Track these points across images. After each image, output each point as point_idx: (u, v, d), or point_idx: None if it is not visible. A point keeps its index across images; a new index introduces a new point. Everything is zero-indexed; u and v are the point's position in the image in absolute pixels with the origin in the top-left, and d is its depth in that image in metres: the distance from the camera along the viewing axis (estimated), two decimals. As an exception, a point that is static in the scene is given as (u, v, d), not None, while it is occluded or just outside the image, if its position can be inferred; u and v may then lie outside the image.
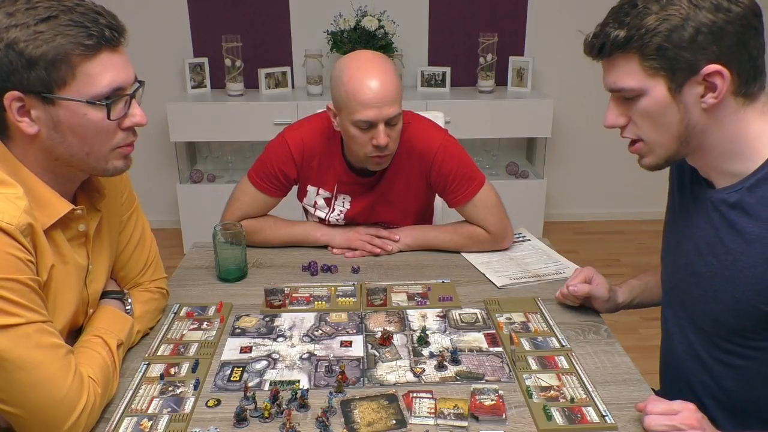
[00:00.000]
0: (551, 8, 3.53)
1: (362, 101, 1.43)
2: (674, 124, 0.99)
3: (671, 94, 0.97)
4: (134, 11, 3.43)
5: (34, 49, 0.91)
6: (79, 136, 0.98)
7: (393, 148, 1.53)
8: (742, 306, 1.02)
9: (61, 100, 0.95)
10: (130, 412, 1.04)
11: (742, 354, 1.06)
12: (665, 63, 0.95)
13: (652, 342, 1.27)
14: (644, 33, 0.94)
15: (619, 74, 1.00)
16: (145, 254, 1.30)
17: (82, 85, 0.95)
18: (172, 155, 3.45)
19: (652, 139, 1.02)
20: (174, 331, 1.28)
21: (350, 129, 1.48)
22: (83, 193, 1.11)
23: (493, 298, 1.42)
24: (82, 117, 0.97)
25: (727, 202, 1.03)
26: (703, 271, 1.08)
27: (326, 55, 3.42)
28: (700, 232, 1.09)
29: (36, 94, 0.94)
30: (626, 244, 3.63)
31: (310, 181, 1.67)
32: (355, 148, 1.52)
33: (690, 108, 0.97)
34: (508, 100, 3.40)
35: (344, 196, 1.67)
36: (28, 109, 0.95)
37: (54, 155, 1.00)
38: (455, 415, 1.02)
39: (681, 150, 1.02)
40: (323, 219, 1.71)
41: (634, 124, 1.03)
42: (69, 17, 0.93)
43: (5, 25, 0.91)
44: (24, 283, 0.90)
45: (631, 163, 1.12)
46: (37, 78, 0.92)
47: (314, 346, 1.24)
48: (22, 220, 0.90)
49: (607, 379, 1.13)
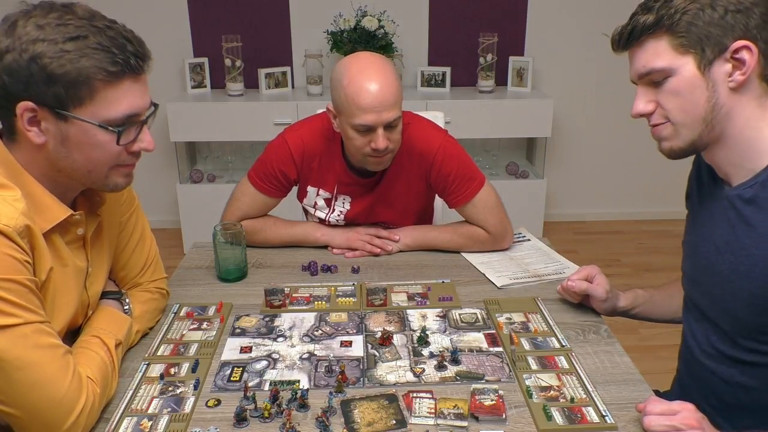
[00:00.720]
0: (551, 8, 3.53)
1: (361, 106, 1.42)
2: (702, 104, 1.01)
3: (701, 71, 0.99)
4: (134, 11, 3.43)
5: (57, 67, 0.91)
6: (85, 154, 0.99)
7: (393, 149, 1.53)
8: (759, 301, 1.02)
9: (74, 119, 0.95)
10: (130, 412, 1.04)
11: (763, 351, 1.06)
12: (695, 40, 0.98)
13: (652, 342, 1.27)
14: (674, 12, 0.98)
15: (649, 56, 1.02)
16: (144, 254, 1.30)
17: (98, 108, 0.96)
18: (172, 155, 3.45)
19: (678, 120, 1.04)
20: (174, 331, 1.28)
21: (349, 131, 1.48)
22: (83, 197, 1.11)
23: (493, 298, 1.42)
24: (91, 137, 0.98)
25: (743, 198, 1.04)
26: (722, 270, 1.09)
27: (326, 55, 3.42)
28: (718, 231, 1.10)
29: (50, 108, 0.94)
30: (626, 244, 3.63)
31: (310, 182, 1.67)
32: (354, 150, 1.52)
33: (718, 86, 0.99)
34: (508, 100, 3.40)
35: (344, 196, 1.67)
36: (39, 120, 0.95)
37: (57, 167, 1.00)
38: (455, 415, 1.02)
39: (705, 135, 1.03)
40: (323, 219, 1.71)
41: (661, 107, 1.05)
42: (98, 40, 0.93)
43: (33, 37, 0.91)
44: (22, 283, 0.90)
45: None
46: (55, 94, 0.93)
47: (314, 346, 1.24)
48: (20, 222, 0.90)
49: (607, 379, 1.13)
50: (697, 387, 1.20)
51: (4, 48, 0.91)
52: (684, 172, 1.30)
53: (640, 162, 3.76)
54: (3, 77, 0.92)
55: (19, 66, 0.91)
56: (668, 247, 3.48)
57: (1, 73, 0.92)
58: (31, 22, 0.92)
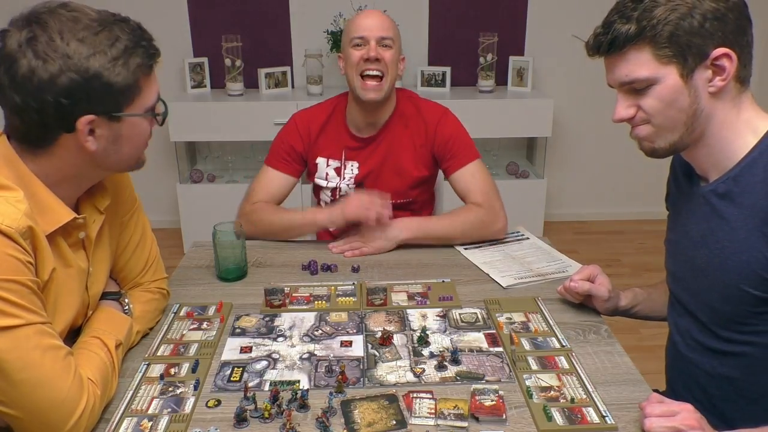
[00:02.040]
0: (551, 8, 3.53)
1: (358, 23, 1.68)
2: (684, 110, 1.03)
3: (683, 80, 1.02)
4: (134, 11, 3.39)
5: (115, 77, 0.95)
6: (134, 144, 1.05)
7: (385, 73, 1.66)
8: (732, 291, 1.06)
9: (127, 117, 1.00)
10: (130, 413, 1.04)
11: (741, 341, 1.09)
12: (677, 50, 1.00)
13: (653, 342, 1.27)
14: (656, 23, 0.99)
15: (631, 66, 1.03)
16: (145, 255, 1.30)
17: (142, 100, 1.02)
18: (172, 155, 3.45)
19: (661, 125, 1.06)
20: (174, 331, 1.28)
21: (349, 51, 1.68)
22: (86, 196, 1.11)
23: (494, 297, 1.41)
24: (138, 127, 1.04)
25: (717, 193, 1.08)
26: (699, 264, 1.13)
27: (326, 55, 3.42)
28: (694, 227, 1.14)
29: (106, 114, 0.97)
30: (626, 244, 3.63)
31: (320, 153, 1.79)
32: (351, 70, 1.68)
33: (699, 92, 1.03)
34: (508, 100, 3.40)
35: (352, 162, 1.78)
36: (94, 129, 0.98)
37: (98, 163, 1.03)
38: (455, 415, 1.02)
39: (686, 137, 1.06)
40: (335, 189, 1.80)
41: (643, 112, 1.06)
42: (127, 37, 0.97)
43: (84, 54, 0.93)
44: (23, 284, 0.90)
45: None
46: (113, 101, 0.97)
47: (314, 346, 1.23)
48: (22, 223, 0.90)
49: (608, 379, 1.13)
50: (683, 381, 1.23)
51: (55, 71, 0.91)
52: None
53: (640, 162, 3.72)
54: (60, 100, 0.92)
55: (80, 86, 0.93)
56: (668, 247, 3.49)
57: (57, 96, 0.92)
58: (65, 37, 0.92)
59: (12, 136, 0.99)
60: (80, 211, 1.09)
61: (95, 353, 1.05)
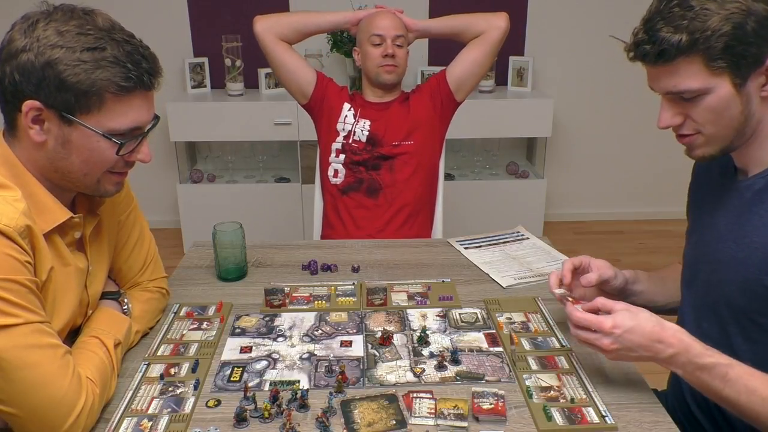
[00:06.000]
0: (551, 8, 3.53)
1: (377, 23, 1.97)
2: (736, 117, 1.01)
3: (736, 89, 0.98)
4: (134, 11, 3.43)
5: (71, 76, 0.93)
6: (83, 158, 1.00)
7: (400, 64, 1.99)
8: (751, 285, 1.04)
9: (79, 125, 0.97)
10: (130, 413, 1.04)
11: (750, 338, 1.07)
12: (732, 61, 0.96)
13: (653, 342, 1.27)
14: (710, 35, 0.94)
15: (681, 77, 0.99)
16: (143, 253, 1.30)
17: (104, 118, 0.98)
18: (172, 155, 3.45)
19: (711, 133, 1.03)
20: (174, 331, 1.28)
21: (367, 48, 1.98)
22: (83, 197, 1.11)
23: (493, 297, 1.41)
24: (92, 144, 0.99)
25: (753, 189, 1.06)
26: (722, 257, 1.10)
27: (326, 55, 3.42)
28: (723, 220, 1.11)
29: (56, 111, 0.95)
30: (626, 244, 3.63)
31: (344, 100, 2.05)
32: (371, 65, 1.98)
33: (751, 98, 1.00)
34: (508, 100, 3.40)
35: (365, 120, 2.02)
36: (43, 120, 0.96)
37: (54, 166, 1.01)
38: (455, 415, 1.02)
39: (736, 141, 1.04)
40: (349, 132, 2.01)
41: (691, 120, 1.04)
42: (114, 53, 0.95)
43: (52, 42, 0.92)
44: (22, 283, 0.90)
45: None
46: (64, 100, 0.95)
47: (314, 346, 1.23)
48: (20, 222, 0.91)
49: (607, 379, 1.13)
50: None
51: (21, 47, 0.92)
52: (684, 172, 1.30)
53: (640, 162, 3.76)
54: (14, 74, 0.93)
55: (33, 67, 0.92)
56: (668, 247, 3.48)
57: (13, 70, 0.93)
58: (51, 25, 0.93)
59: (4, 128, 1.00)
60: (76, 210, 1.09)
61: (94, 353, 1.05)
